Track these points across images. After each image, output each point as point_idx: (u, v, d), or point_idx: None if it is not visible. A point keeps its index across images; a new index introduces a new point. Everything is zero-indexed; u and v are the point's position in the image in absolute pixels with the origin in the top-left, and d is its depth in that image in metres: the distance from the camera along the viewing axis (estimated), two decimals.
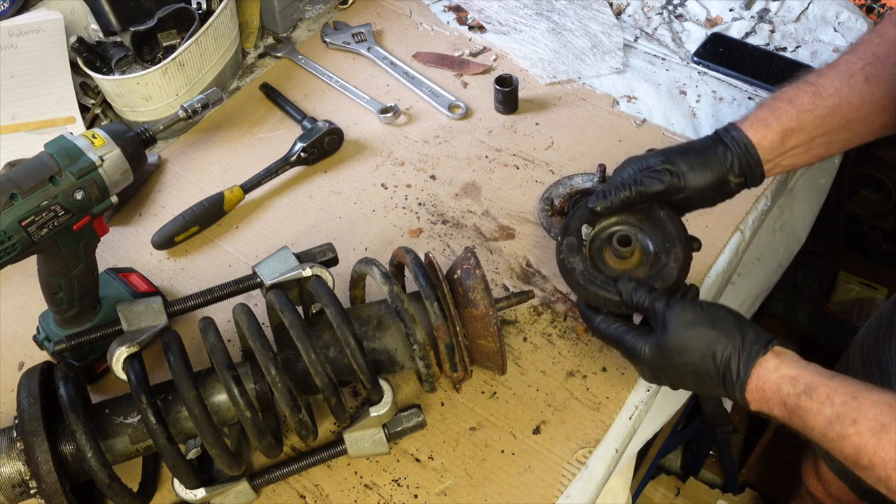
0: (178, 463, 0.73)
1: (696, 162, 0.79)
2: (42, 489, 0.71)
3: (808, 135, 0.79)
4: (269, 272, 0.80)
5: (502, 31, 1.33)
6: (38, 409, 0.71)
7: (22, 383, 0.74)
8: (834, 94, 0.78)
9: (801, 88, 0.79)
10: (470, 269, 0.80)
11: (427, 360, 0.77)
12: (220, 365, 0.73)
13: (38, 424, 0.71)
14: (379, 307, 0.82)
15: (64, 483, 0.71)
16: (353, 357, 0.75)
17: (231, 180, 1.12)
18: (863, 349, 1.18)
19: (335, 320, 0.75)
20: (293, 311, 0.76)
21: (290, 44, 1.33)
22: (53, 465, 0.70)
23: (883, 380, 1.10)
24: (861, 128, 0.80)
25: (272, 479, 0.81)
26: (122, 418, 0.76)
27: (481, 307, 0.78)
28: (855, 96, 0.77)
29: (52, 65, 1.20)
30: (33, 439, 0.70)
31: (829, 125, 0.78)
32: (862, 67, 0.78)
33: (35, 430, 0.70)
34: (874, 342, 1.15)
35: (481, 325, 0.79)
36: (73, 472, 0.74)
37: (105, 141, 0.81)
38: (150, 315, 0.78)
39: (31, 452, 0.70)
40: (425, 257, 0.83)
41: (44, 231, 0.77)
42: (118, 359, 0.74)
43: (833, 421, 0.63)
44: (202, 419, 0.72)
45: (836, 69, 0.79)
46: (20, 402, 0.72)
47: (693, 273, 0.98)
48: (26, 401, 0.72)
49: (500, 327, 0.78)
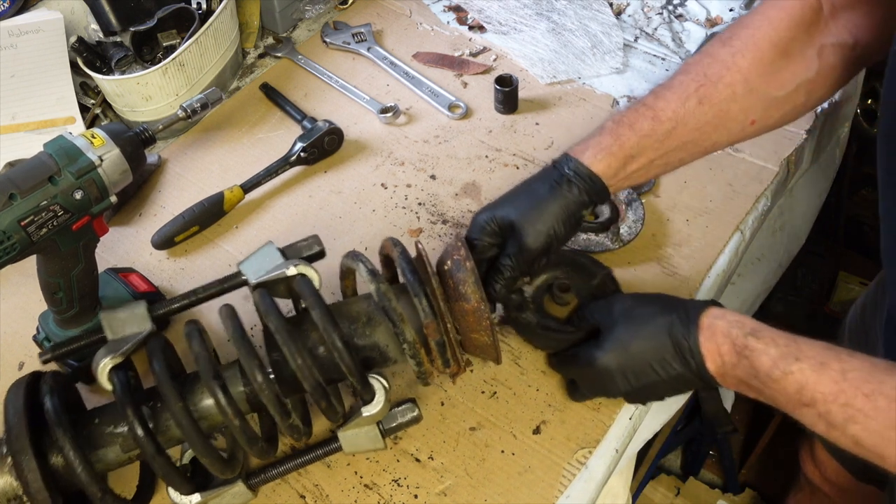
0: (169, 472, 0.71)
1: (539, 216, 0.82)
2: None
3: (648, 158, 0.81)
4: (254, 270, 0.78)
5: (502, 31, 1.33)
6: (24, 425, 0.69)
7: (8, 398, 0.72)
8: (671, 117, 0.80)
9: (640, 113, 0.81)
10: (460, 260, 0.78)
11: (418, 358, 0.76)
12: (205, 373, 0.72)
13: (25, 441, 0.69)
14: (368, 302, 0.80)
15: (56, 497, 0.69)
16: (341, 359, 0.73)
17: (231, 180, 1.12)
18: (850, 332, 1.20)
19: (321, 322, 0.73)
20: (277, 313, 0.74)
21: (290, 44, 1.33)
22: (43, 481, 0.68)
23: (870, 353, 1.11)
24: (694, 147, 0.83)
25: (269, 477, 0.81)
26: (113, 427, 0.74)
27: (472, 301, 0.77)
28: (690, 119, 0.80)
29: (52, 65, 1.20)
30: (21, 457, 0.68)
31: (667, 148, 0.81)
32: (696, 89, 0.80)
33: (22, 447, 0.68)
34: (860, 322, 1.17)
35: (473, 320, 0.78)
36: (65, 483, 0.72)
37: (104, 141, 0.80)
38: (134, 322, 0.75)
39: (20, 469, 0.68)
40: (415, 248, 0.82)
41: (43, 231, 0.77)
42: (103, 370, 0.72)
43: (778, 360, 0.67)
44: (190, 429, 0.70)
45: (673, 91, 0.81)
46: (6, 418, 0.70)
47: (693, 273, 0.98)
48: (13, 416, 0.70)
49: (492, 321, 0.78)
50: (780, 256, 1.39)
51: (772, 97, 0.81)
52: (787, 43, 0.79)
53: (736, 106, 0.80)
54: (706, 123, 0.80)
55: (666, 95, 0.81)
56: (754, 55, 0.79)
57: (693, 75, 0.81)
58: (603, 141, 0.81)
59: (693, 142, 0.82)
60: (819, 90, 0.83)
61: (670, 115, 0.80)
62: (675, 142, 0.81)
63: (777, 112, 0.82)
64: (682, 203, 1.06)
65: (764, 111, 0.82)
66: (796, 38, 0.79)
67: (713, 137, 0.82)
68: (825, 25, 0.79)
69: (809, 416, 0.66)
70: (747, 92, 0.80)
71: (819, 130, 1.17)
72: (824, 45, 0.79)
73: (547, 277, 0.93)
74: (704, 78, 0.80)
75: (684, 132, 0.80)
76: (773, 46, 0.79)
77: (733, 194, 1.06)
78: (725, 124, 0.81)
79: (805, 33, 0.79)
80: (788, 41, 0.79)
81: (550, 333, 0.87)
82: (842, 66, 0.81)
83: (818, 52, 0.79)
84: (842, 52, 0.80)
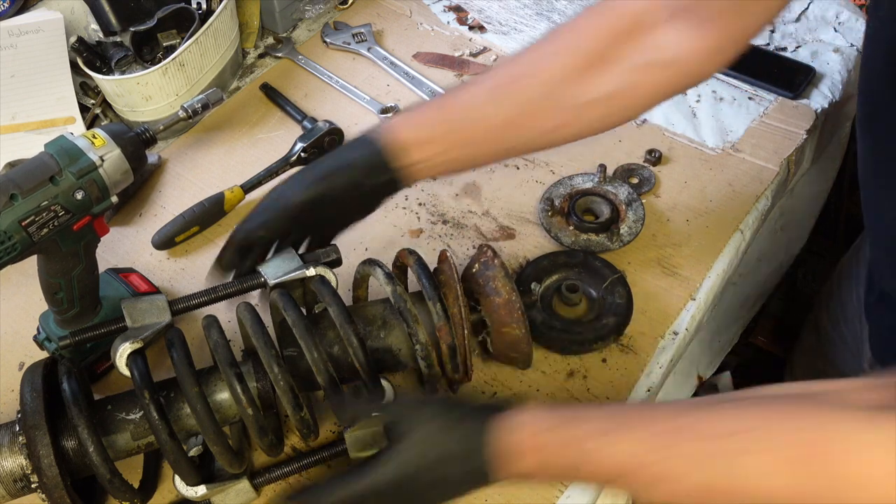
0: (179, 458, 0.73)
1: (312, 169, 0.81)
2: (43, 483, 0.71)
3: (440, 147, 0.79)
4: (273, 272, 0.81)
5: (502, 31, 1.33)
6: (41, 403, 0.72)
7: (25, 378, 0.75)
8: (459, 111, 0.79)
9: (432, 103, 0.81)
10: (488, 260, 0.81)
11: (429, 360, 0.77)
12: (222, 361, 0.74)
13: (41, 418, 0.71)
14: (383, 306, 0.83)
15: (65, 477, 0.71)
16: (355, 354, 0.75)
17: (231, 180, 1.12)
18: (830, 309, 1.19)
19: (338, 319, 0.75)
20: (296, 308, 0.76)
21: (290, 44, 1.33)
22: (55, 458, 0.70)
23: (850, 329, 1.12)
24: (487, 147, 0.81)
25: (273, 478, 0.81)
26: (124, 414, 0.76)
27: (503, 294, 0.79)
28: (478, 116, 0.79)
29: (52, 65, 1.20)
30: (35, 432, 0.71)
31: (453, 142, 0.79)
32: (494, 87, 0.79)
33: (37, 423, 0.71)
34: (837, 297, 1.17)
35: (505, 312, 0.79)
36: (74, 467, 0.75)
37: (105, 141, 0.80)
38: (154, 312, 0.78)
39: (33, 445, 0.70)
40: (441, 254, 0.84)
41: (44, 231, 0.77)
42: (122, 354, 0.74)
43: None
44: (204, 415, 0.72)
45: (476, 85, 0.80)
46: (23, 396, 0.73)
47: (693, 273, 0.98)
48: (29, 395, 0.73)
49: (524, 312, 0.79)
50: (781, 256, 1.39)
51: (576, 104, 0.77)
52: (601, 52, 0.76)
53: (536, 108, 0.78)
54: (500, 124, 0.79)
55: (469, 89, 0.80)
56: (564, 60, 0.77)
57: (499, 73, 0.80)
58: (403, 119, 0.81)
59: (485, 140, 0.80)
60: (628, 104, 0.79)
61: (458, 110, 0.79)
62: (462, 138, 0.79)
63: (581, 121, 0.79)
64: (682, 203, 1.06)
65: (569, 118, 0.79)
66: (611, 48, 0.75)
67: (509, 139, 0.80)
68: (645, 41, 0.75)
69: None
70: (550, 94, 0.77)
71: (819, 130, 1.17)
72: (640, 61, 0.75)
73: (557, 278, 0.94)
74: (507, 77, 0.79)
75: (476, 130, 0.79)
76: (586, 54, 0.76)
77: (733, 194, 1.06)
78: (529, 124, 0.79)
79: (622, 45, 0.75)
80: (602, 50, 0.76)
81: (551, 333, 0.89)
82: (658, 83, 0.77)
83: (632, 66, 0.76)
84: (659, 70, 0.76)
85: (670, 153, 1.11)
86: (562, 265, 0.96)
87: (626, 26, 0.76)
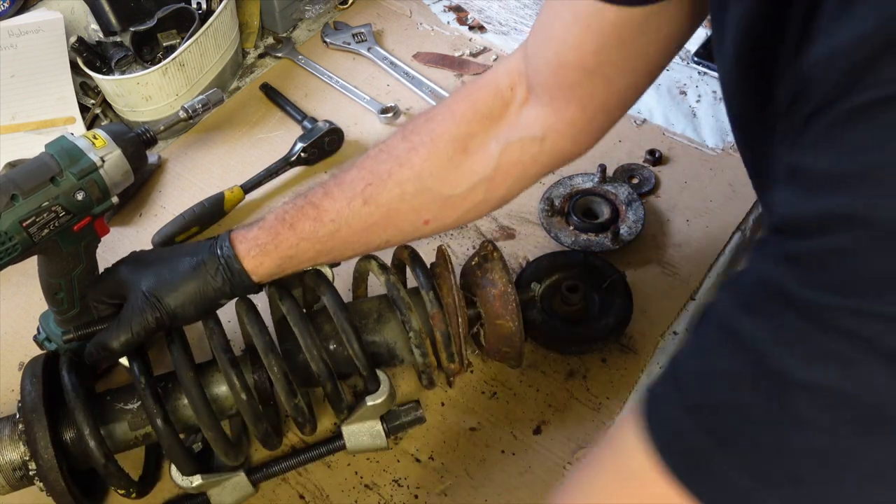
0: (174, 445, 0.74)
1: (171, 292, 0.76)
2: (39, 467, 0.72)
3: (309, 256, 0.77)
4: None
5: (502, 31, 1.34)
6: (41, 389, 0.73)
7: (26, 369, 0.76)
8: (335, 218, 0.75)
9: (304, 212, 0.76)
10: (487, 253, 0.82)
11: (423, 348, 0.78)
12: (217, 347, 0.74)
13: (39, 404, 0.72)
14: (379, 301, 0.83)
15: (61, 461, 0.72)
16: (349, 343, 0.75)
17: (231, 180, 1.12)
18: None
19: (332, 308, 0.76)
20: (291, 298, 0.77)
21: (290, 44, 1.33)
22: (51, 442, 0.71)
23: None
24: (362, 247, 0.79)
25: (270, 473, 0.82)
26: (123, 404, 0.77)
27: (499, 285, 0.80)
28: (355, 220, 0.75)
29: (52, 65, 1.20)
30: (32, 416, 0.72)
31: (331, 246, 0.77)
32: (364, 188, 0.75)
33: (35, 406, 0.72)
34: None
35: (500, 304, 0.80)
36: (73, 459, 0.76)
37: (106, 142, 0.80)
38: None
39: (30, 430, 0.72)
40: (438, 249, 0.85)
41: (45, 232, 0.77)
42: None
43: None
44: (198, 399, 0.73)
45: (342, 189, 0.76)
46: (24, 385, 0.74)
47: (693, 273, 0.98)
48: (29, 382, 0.74)
49: (518, 305, 0.79)
50: None
51: (446, 196, 0.75)
52: (466, 138, 0.74)
53: (406, 205, 0.75)
54: (374, 224, 0.76)
55: (334, 193, 0.76)
56: (430, 150, 0.74)
57: (364, 172, 0.76)
58: (260, 237, 0.75)
59: (360, 241, 0.78)
60: (499, 188, 0.77)
61: (334, 217, 0.75)
62: (338, 242, 0.76)
63: (454, 212, 0.77)
64: (682, 203, 1.06)
65: (439, 210, 0.77)
66: (477, 132, 0.74)
67: (383, 236, 0.78)
68: (512, 119, 0.74)
69: None
70: (419, 191, 0.75)
71: None
72: (509, 140, 0.74)
73: (557, 278, 0.94)
74: (373, 176, 0.75)
75: (349, 233, 0.76)
76: (453, 141, 0.74)
77: (733, 194, 1.06)
78: (395, 224, 0.77)
79: (488, 127, 0.74)
80: (468, 136, 0.74)
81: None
82: (527, 162, 0.75)
83: (501, 148, 0.74)
84: (529, 148, 0.74)
85: (670, 153, 1.12)
86: (562, 265, 0.96)
87: (495, 105, 0.74)
